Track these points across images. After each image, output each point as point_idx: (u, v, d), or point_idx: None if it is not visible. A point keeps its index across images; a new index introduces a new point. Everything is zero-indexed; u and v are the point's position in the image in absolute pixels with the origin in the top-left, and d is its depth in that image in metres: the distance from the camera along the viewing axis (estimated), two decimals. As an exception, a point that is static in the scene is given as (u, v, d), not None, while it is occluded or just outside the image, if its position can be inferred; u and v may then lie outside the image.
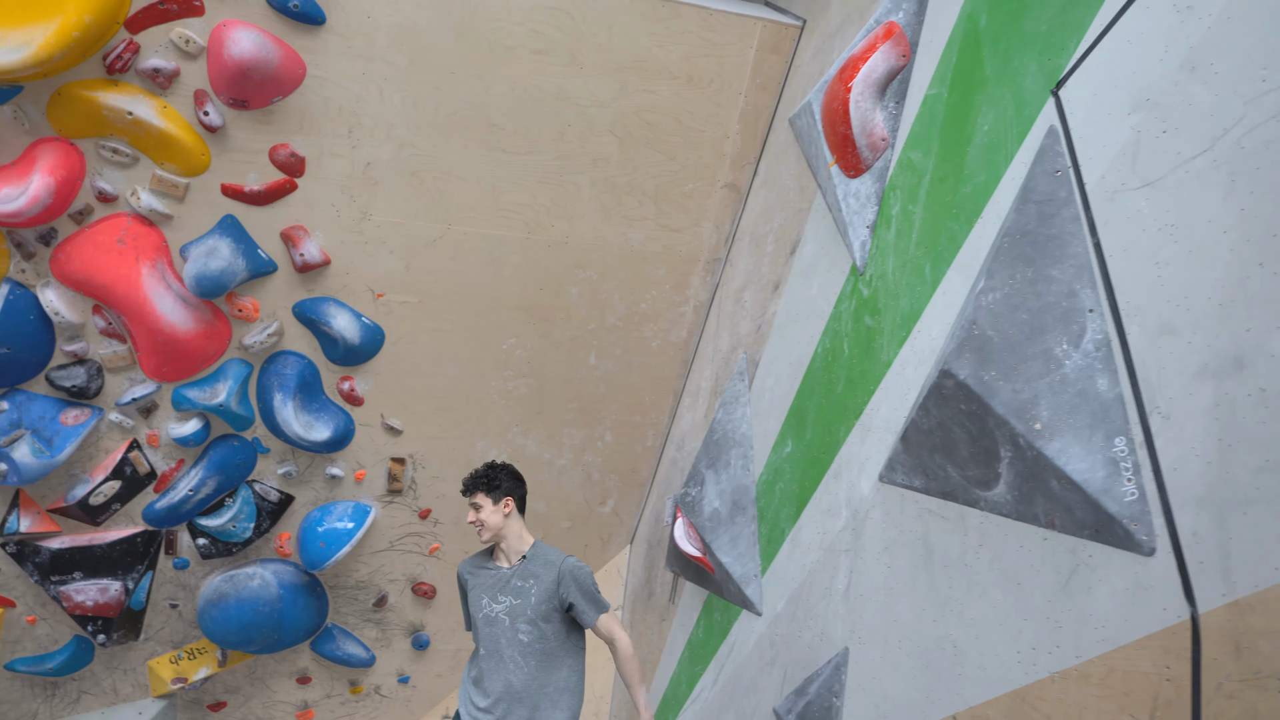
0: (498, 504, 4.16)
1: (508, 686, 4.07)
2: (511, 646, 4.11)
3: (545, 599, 4.08)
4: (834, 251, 3.84)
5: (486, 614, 4.20)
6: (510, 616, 4.14)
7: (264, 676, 5.85)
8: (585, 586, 4.06)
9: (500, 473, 4.22)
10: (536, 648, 4.08)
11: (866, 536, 3.17)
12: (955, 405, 2.53)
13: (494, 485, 4.16)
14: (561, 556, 4.20)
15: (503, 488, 4.18)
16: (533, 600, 4.11)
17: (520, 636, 4.10)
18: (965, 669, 2.54)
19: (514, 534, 4.20)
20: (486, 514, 4.16)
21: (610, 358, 5.40)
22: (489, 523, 4.16)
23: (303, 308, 4.87)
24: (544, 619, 4.09)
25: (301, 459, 5.27)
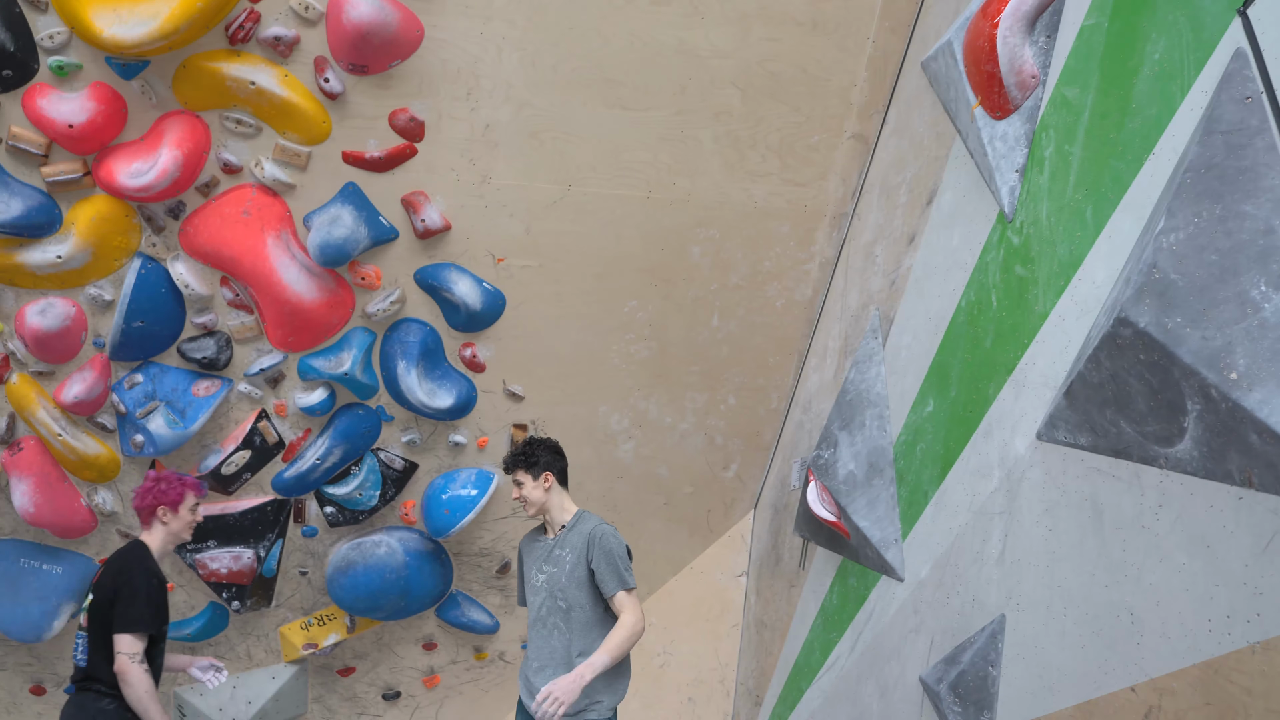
0: (538, 479, 4.23)
1: (553, 653, 4.16)
2: (554, 614, 4.18)
3: (577, 565, 4.14)
4: (977, 199, 3.67)
5: (533, 584, 4.30)
6: (550, 586, 4.21)
7: (391, 643, 5.94)
8: (610, 554, 4.09)
9: (538, 448, 4.28)
10: (576, 615, 4.14)
11: (1023, 498, 3.04)
12: (1133, 356, 2.37)
13: (533, 461, 4.23)
14: (596, 523, 4.24)
15: (541, 463, 4.24)
16: (567, 568, 4.17)
17: (559, 603, 4.16)
18: (1144, 638, 2.40)
19: (556, 506, 4.29)
20: (528, 490, 4.24)
21: (733, 318, 5.30)
22: (531, 498, 4.25)
23: (424, 274, 4.88)
24: (578, 586, 4.14)
25: (425, 426, 5.31)
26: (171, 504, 4.25)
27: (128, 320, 4.66)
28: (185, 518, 4.31)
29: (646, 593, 6.13)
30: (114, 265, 4.61)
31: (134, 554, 4.17)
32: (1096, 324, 2.67)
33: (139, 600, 4.01)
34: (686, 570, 6.14)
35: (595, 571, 4.10)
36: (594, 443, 5.54)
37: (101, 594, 4.05)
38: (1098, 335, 2.56)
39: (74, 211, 4.47)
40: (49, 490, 4.93)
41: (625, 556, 4.18)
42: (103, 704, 3.98)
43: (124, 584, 4.02)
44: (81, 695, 4.04)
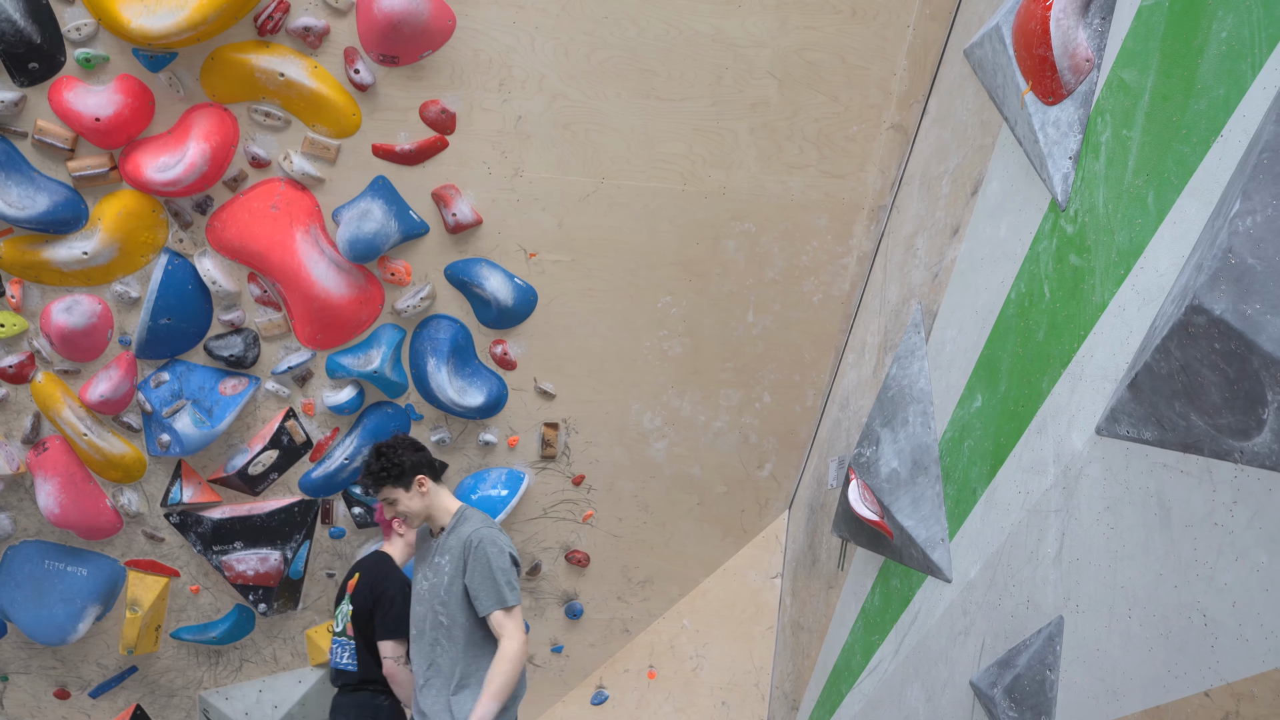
0: (411, 489, 3.85)
1: (437, 670, 3.93)
2: (435, 629, 3.94)
3: (455, 578, 3.84)
4: (1027, 188, 3.59)
5: (418, 590, 4.04)
6: (431, 597, 3.93)
7: (421, 645, 5.89)
8: (487, 566, 3.78)
9: (399, 452, 3.89)
10: (458, 634, 3.89)
11: (1082, 495, 2.95)
12: (1206, 345, 2.29)
13: (398, 472, 3.85)
14: (475, 526, 3.85)
15: (408, 468, 3.86)
16: (446, 580, 3.88)
17: (440, 618, 3.91)
18: (1220, 640, 2.31)
19: (438, 508, 3.94)
20: (405, 504, 3.87)
21: (769, 314, 5.23)
22: (412, 510, 3.90)
23: (455, 269, 4.83)
24: (457, 602, 3.87)
25: (454, 425, 5.26)
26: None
27: (154, 317, 4.64)
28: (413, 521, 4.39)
29: (679, 594, 6.07)
30: (141, 261, 4.58)
31: (381, 566, 4.42)
32: (1163, 313, 2.59)
33: (395, 609, 4.26)
34: (720, 572, 6.06)
35: (469, 587, 3.81)
36: (626, 442, 5.48)
37: (360, 604, 4.34)
38: (1166, 325, 2.47)
39: (100, 207, 4.45)
40: (74, 491, 4.92)
41: (507, 567, 3.88)
42: (379, 701, 4.24)
43: (380, 595, 4.28)
44: (359, 695, 4.31)
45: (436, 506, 3.95)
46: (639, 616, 6.12)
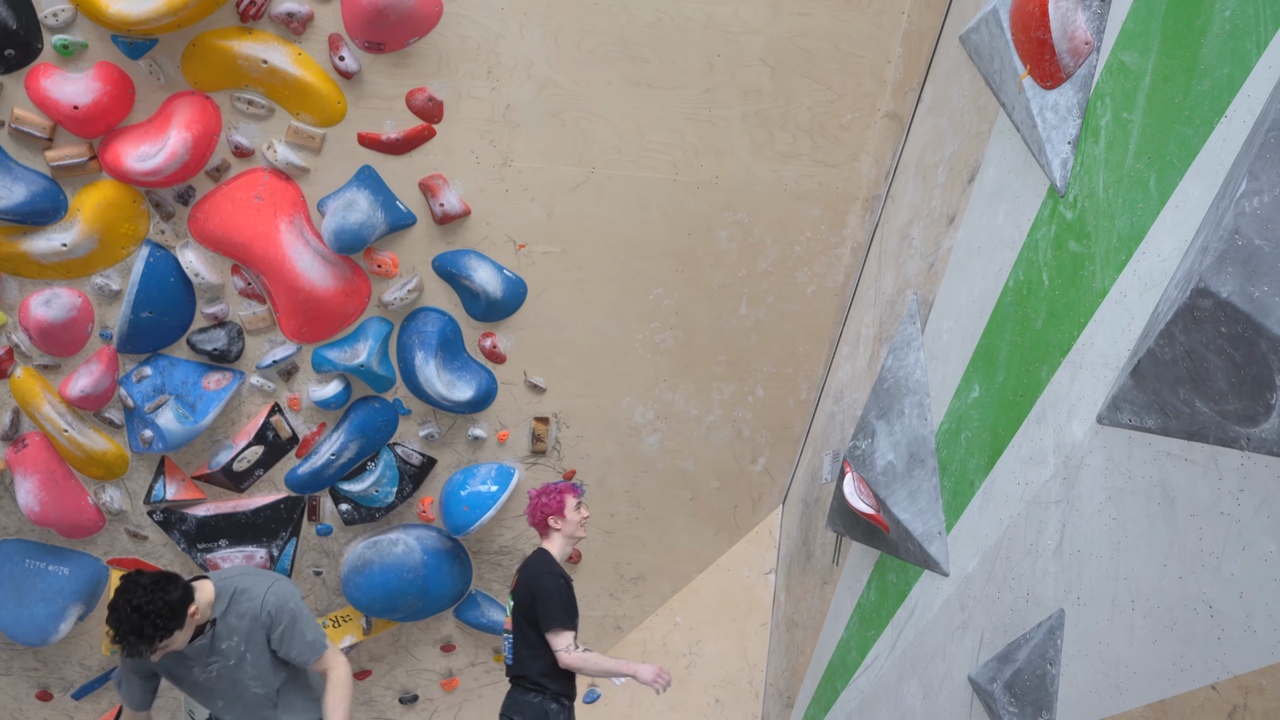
0: (187, 623, 3.52)
1: None
2: (247, 703, 3.92)
3: (259, 653, 3.78)
4: (1025, 174, 3.55)
5: (192, 682, 3.84)
6: (230, 682, 3.82)
7: (408, 645, 5.84)
8: (295, 623, 3.79)
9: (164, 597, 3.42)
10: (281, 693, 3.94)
11: (1082, 486, 2.91)
12: (1212, 329, 2.25)
13: (174, 618, 3.46)
14: (256, 596, 3.73)
15: (179, 607, 3.48)
16: (248, 659, 3.78)
17: (254, 690, 3.88)
18: (1226, 632, 2.27)
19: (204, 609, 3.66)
20: (178, 640, 3.53)
21: (762, 306, 5.18)
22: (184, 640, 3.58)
23: (443, 261, 4.77)
24: (269, 669, 3.85)
25: (443, 420, 5.21)
26: (557, 512, 4.49)
27: (136, 310, 4.57)
28: (573, 518, 4.55)
29: (671, 590, 6.02)
30: (121, 253, 4.51)
31: (539, 561, 4.47)
32: (1166, 298, 2.54)
33: (552, 601, 4.33)
34: (713, 568, 6.02)
35: (280, 652, 3.76)
36: (617, 436, 5.43)
37: (520, 600, 4.42)
38: (1170, 309, 2.43)
39: (80, 197, 4.38)
40: (55, 488, 4.85)
41: (306, 615, 3.89)
42: (529, 697, 4.33)
43: (538, 590, 4.35)
44: (513, 690, 4.44)
45: (203, 611, 3.64)
46: (631, 613, 6.07)
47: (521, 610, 4.39)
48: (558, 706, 4.33)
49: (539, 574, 4.40)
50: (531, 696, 4.32)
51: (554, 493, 4.52)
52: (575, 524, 4.54)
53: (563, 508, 4.48)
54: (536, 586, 4.35)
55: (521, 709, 4.32)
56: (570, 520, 4.52)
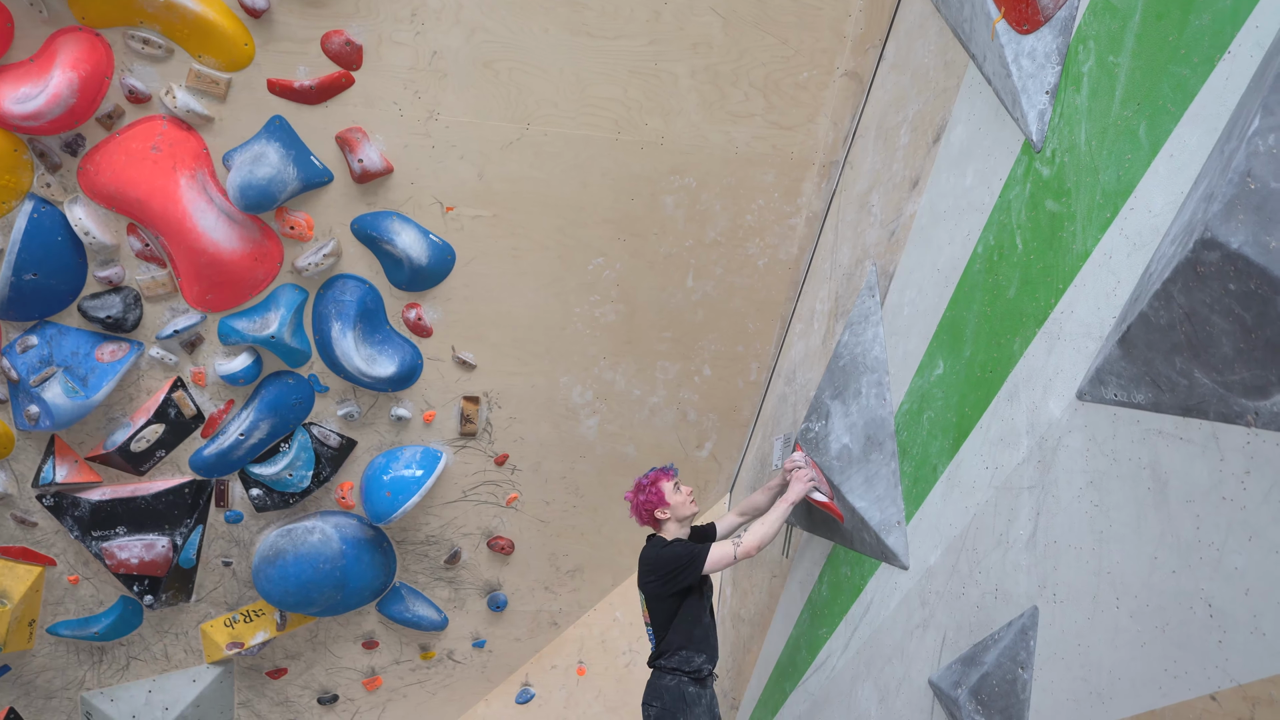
0: None
1: None
2: None
3: None
4: (997, 130, 3.29)
5: None
6: None
7: (327, 641, 5.51)
8: None
9: None
10: None
11: (1060, 469, 2.65)
12: (1218, 286, 1.99)
13: None
14: None
15: None
16: None
17: None
18: (1229, 635, 2.01)
19: None
20: None
21: (710, 279, 4.89)
22: None
23: (362, 224, 4.43)
24: None
25: (364, 398, 4.86)
26: (660, 503, 4.21)
27: (18, 273, 4.20)
28: (678, 498, 4.23)
29: (612, 584, 5.74)
30: (1, 208, 4.11)
31: (654, 544, 4.22)
32: (1160, 256, 2.29)
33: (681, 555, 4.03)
34: (655, 560, 5.73)
35: None
36: (554, 418, 5.13)
37: (646, 584, 4.17)
38: (1167, 267, 2.17)
39: (-48, 144, 3.98)
40: (-69, 468, 4.45)
41: None
42: (663, 680, 4.13)
43: (661, 560, 4.08)
44: (652, 675, 4.23)
45: None
46: (568, 608, 5.79)
47: (651, 593, 4.16)
48: (696, 689, 4.11)
49: (655, 556, 4.14)
50: (666, 679, 4.12)
51: (648, 487, 4.26)
52: (682, 504, 4.23)
53: (664, 496, 4.20)
54: (658, 564, 4.10)
55: (658, 693, 4.14)
56: (676, 503, 4.23)
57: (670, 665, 4.08)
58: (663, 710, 4.07)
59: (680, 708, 4.04)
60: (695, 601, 4.08)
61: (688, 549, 4.02)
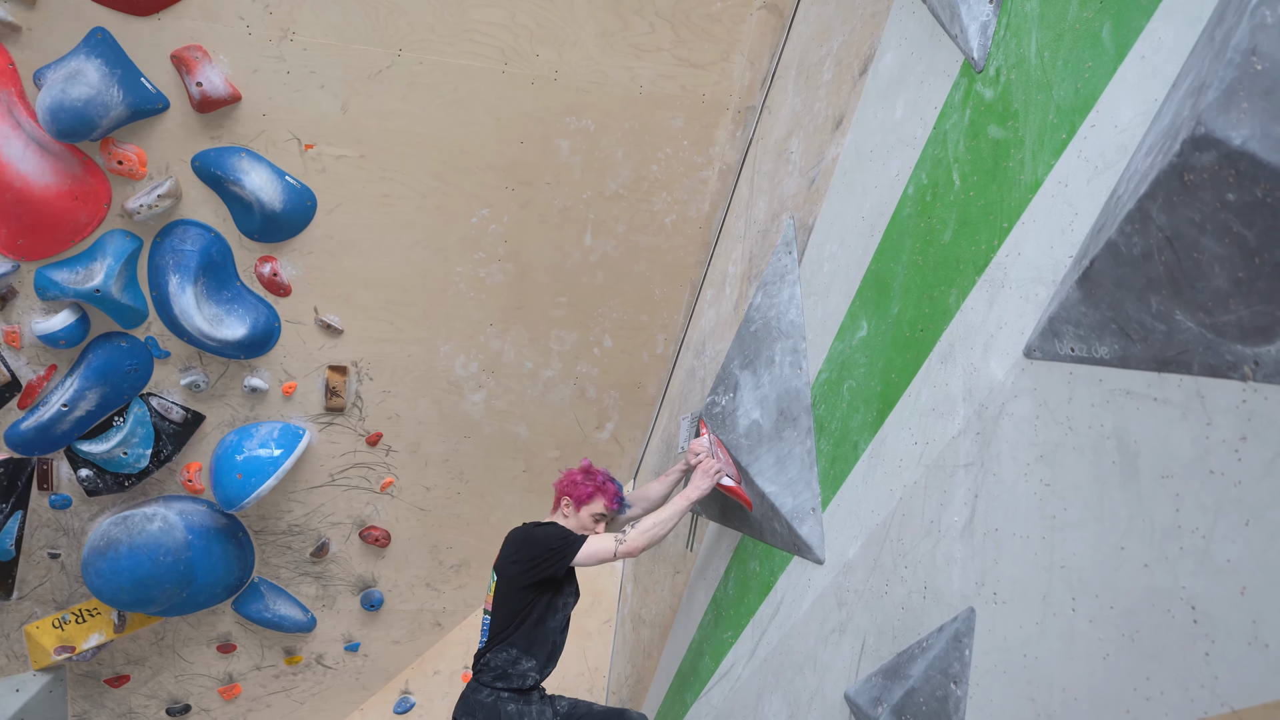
0: None
1: None
2: None
3: None
4: (932, 52, 2.89)
5: None
6: None
7: (175, 644, 4.99)
8: None
9: None
10: None
11: (1003, 443, 2.25)
12: (1212, 198, 1.59)
13: None
14: None
15: None
16: None
17: None
18: (1221, 644, 1.62)
19: None
20: None
21: (611, 237, 4.45)
22: None
23: (205, 161, 3.93)
24: None
25: (212, 366, 4.34)
26: (577, 501, 3.75)
27: None
28: (587, 522, 3.76)
29: (501, 581, 5.28)
30: None
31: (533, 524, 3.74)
32: (1131, 174, 1.90)
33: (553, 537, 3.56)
34: (550, 554, 5.29)
35: None
36: (433, 392, 4.67)
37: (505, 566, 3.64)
38: (1142, 182, 1.77)
39: None
40: None
41: None
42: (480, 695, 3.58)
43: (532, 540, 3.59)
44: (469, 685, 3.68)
45: None
46: (453, 607, 5.34)
47: (507, 576, 3.62)
48: (517, 706, 3.59)
49: (527, 533, 3.65)
50: (484, 695, 3.56)
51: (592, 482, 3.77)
52: (586, 526, 3.76)
53: (585, 500, 3.74)
54: (529, 541, 3.60)
55: (472, 710, 3.57)
56: (585, 521, 3.76)
57: (490, 676, 3.58)
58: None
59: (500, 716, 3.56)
60: (550, 600, 3.63)
61: (562, 535, 3.55)
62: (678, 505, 3.45)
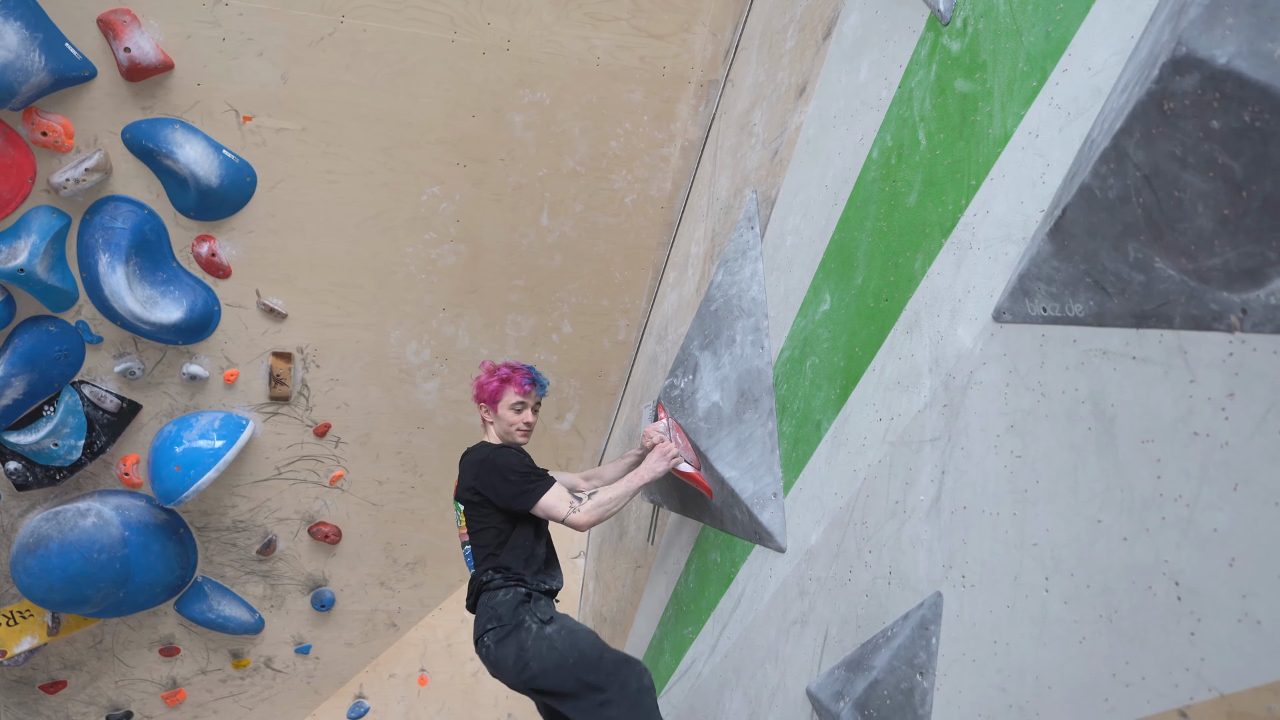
0: None
1: None
2: None
3: None
4: (896, 9, 2.77)
5: None
6: None
7: (115, 648, 4.81)
8: None
9: None
10: None
11: (971, 414, 2.11)
12: (1196, 126, 1.46)
13: None
14: None
15: None
16: None
17: None
18: (1208, 623, 1.48)
19: None
20: None
21: (568, 217, 4.30)
22: None
23: (136, 133, 3.75)
24: None
25: (149, 353, 4.17)
26: (489, 401, 3.54)
27: None
28: (509, 415, 3.54)
29: (459, 579, 5.11)
30: None
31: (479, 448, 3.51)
32: (1107, 112, 1.77)
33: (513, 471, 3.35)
34: (510, 550, 5.13)
35: None
36: (384, 380, 4.50)
37: (466, 494, 3.43)
38: (1118, 118, 1.63)
39: None
40: None
41: None
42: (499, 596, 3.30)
43: (488, 470, 3.38)
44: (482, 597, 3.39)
45: None
46: (409, 607, 5.16)
47: (473, 505, 3.42)
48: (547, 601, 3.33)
49: (481, 458, 3.43)
50: (502, 595, 3.27)
51: (495, 377, 3.55)
52: (509, 424, 3.55)
53: (497, 398, 3.53)
54: (484, 469, 3.38)
55: (494, 613, 3.26)
56: (503, 418, 3.55)
57: (500, 579, 3.32)
58: (502, 629, 3.22)
59: (522, 612, 3.23)
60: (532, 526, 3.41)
61: (526, 471, 3.35)
62: (631, 484, 3.27)
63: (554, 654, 3.10)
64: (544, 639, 3.14)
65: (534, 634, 3.16)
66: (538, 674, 3.12)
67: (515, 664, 3.14)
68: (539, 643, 3.13)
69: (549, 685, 3.11)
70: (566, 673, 3.10)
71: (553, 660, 3.10)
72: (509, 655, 3.16)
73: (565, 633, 3.16)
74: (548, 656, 3.10)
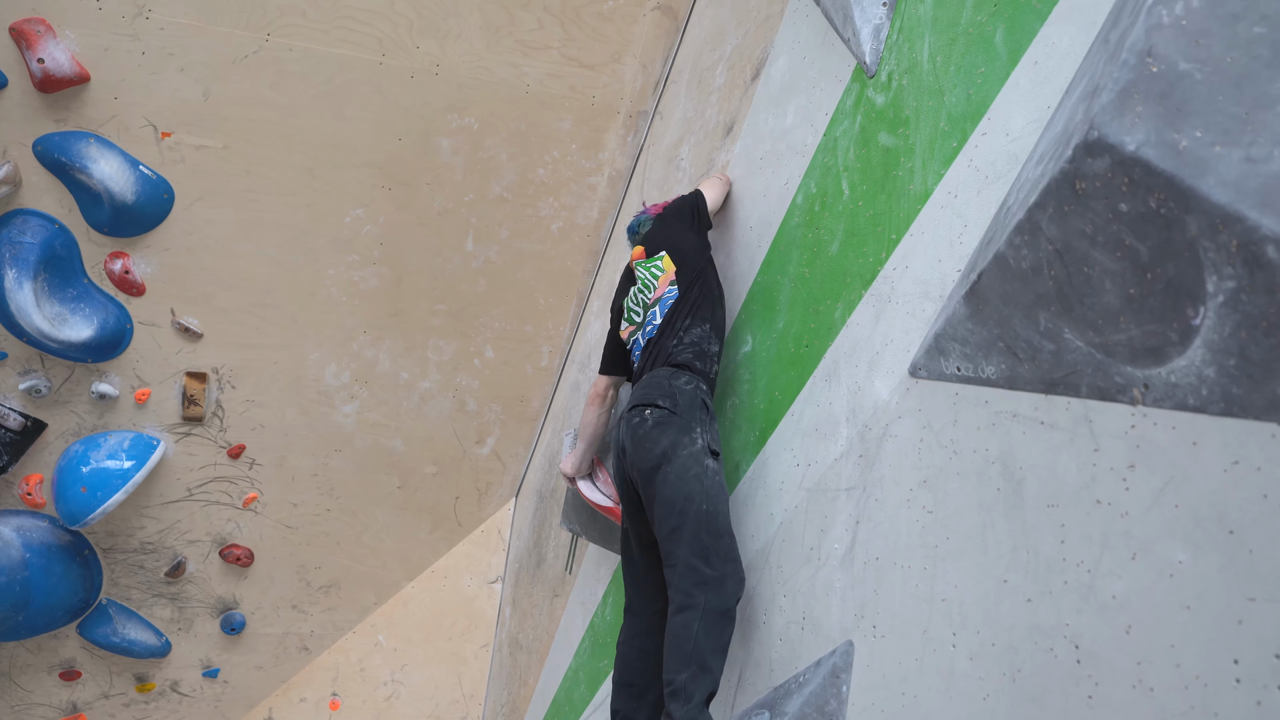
0: None
1: None
2: None
3: None
4: (824, 57, 2.82)
5: None
6: None
7: (12, 672, 4.70)
8: None
9: None
10: None
11: (886, 466, 2.16)
12: (1105, 208, 1.52)
13: None
14: None
15: None
16: None
17: None
18: (1105, 687, 1.54)
19: None
20: None
21: (494, 242, 4.30)
22: None
23: (48, 146, 3.68)
24: None
25: (56, 370, 4.08)
26: None
27: None
28: None
29: (374, 602, 5.07)
30: None
31: None
32: (1022, 184, 1.83)
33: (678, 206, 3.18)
34: (427, 574, 5.16)
35: None
36: (302, 402, 4.46)
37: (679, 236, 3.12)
38: (1032, 191, 1.69)
39: None
40: None
41: None
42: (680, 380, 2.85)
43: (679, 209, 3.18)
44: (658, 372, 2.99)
45: None
46: (321, 631, 5.10)
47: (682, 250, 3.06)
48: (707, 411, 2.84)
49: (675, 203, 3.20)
50: (683, 381, 2.84)
51: None
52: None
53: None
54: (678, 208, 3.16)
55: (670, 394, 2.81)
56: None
57: (689, 354, 2.88)
58: (671, 414, 2.76)
59: (698, 418, 2.76)
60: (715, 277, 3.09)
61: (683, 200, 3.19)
62: None
63: (699, 487, 2.62)
64: (701, 465, 2.67)
65: (695, 451, 2.69)
66: (669, 484, 2.66)
67: (657, 456, 2.72)
68: (693, 464, 2.66)
69: (668, 498, 2.65)
70: (692, 513, 2.58)
71: (694, 491, 2.61)
72: (659, 444, 2.73)
73: (718, 481, 2.68)
74: (692, 484, 2.62)
